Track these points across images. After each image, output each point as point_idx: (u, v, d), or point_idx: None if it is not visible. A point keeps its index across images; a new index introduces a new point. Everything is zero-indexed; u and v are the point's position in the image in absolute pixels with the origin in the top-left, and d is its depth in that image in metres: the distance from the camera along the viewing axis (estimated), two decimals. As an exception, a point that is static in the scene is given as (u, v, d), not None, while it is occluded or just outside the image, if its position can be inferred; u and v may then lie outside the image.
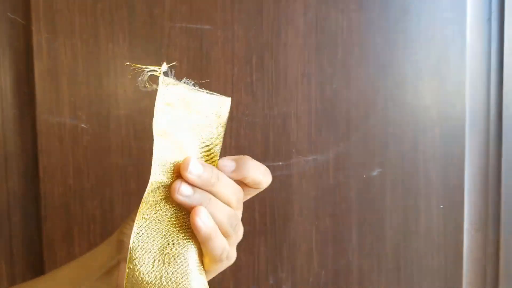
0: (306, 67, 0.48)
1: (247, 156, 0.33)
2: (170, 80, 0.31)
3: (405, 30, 0.49)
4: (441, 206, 0.51)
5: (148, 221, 0.30)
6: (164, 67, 0.31)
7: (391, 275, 0.52)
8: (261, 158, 0.48)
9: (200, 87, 0.32)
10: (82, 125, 0.45)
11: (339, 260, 0.51)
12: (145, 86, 0.30)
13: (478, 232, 0.52)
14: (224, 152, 0.48)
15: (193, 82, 0.32)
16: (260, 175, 0.33)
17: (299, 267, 0.50)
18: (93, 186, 0.46)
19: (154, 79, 0.30)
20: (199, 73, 0.47)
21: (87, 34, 0.46)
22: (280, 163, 0.49)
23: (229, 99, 0.33)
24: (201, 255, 0.31)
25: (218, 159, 0.32)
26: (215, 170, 0.32)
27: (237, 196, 0.33)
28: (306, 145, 0.49)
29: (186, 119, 0.32)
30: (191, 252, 0.31)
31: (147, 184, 0.30)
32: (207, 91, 0.32)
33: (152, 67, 0.31)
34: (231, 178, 0.32)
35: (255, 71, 0.48)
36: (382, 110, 0.50)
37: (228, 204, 0.32)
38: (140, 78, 0.29)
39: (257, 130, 0.48)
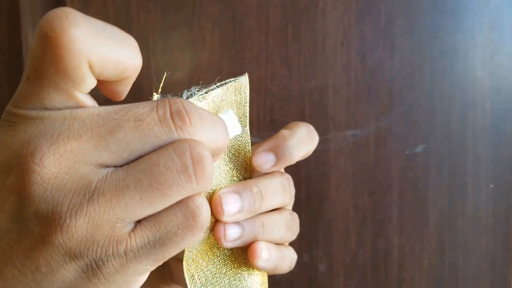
0: (345, 35, 0.49)
1: (282, 135, 0.30)
2: None
3: (455, -6, 0.48)
4: (491, 186, 0.51)
5: (201, 282, 0.27)
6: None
7: (434, 258, 0.52)
8: (296, 132, 0.50)
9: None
10: (115, 97, 0.48)
11: (378, 240, 0.52)
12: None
13: (532, 214, 0.51)
14: (258, 128, 0.50)
15: (197, 88, 0.28)
16: (304, 150, 0.30)
17: (335, 245, 0.52)
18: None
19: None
20: (232, 44, 0.49)
21: (119, 3, 0.48)
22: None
23: (245, 77, 0.29)
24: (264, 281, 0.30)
25: (251, 154, 0.29)
26: (255, 188, 0.28)
27: (289, 195, 0.30)
28: (344, 119, 0.50)
29: None
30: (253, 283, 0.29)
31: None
32: (217, 84, 0.28)
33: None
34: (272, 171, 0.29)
35: (291, 41, 0.49)
36: (428, 82, 0.50)
37: (281, 212, 0.30)
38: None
39: (292, 103, 0.49)
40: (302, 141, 0.30)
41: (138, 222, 0.20)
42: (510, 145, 0.50)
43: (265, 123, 0.50)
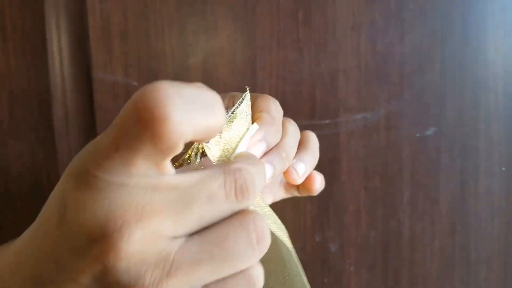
0: (356, 20, 0.50)
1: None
2: (214, 148, 0.29)
3: (467, -24, 0.49)
4: (503, 168, 0.52)
5: None
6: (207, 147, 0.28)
7: (445, 239, 0.53)
8: (307, 116, 0.52)
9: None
10: (134, 83, 0.51)
11: (389, 221, 0.53)
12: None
13: (546, 197, 0.52)
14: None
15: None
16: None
17: (347, 226, 0.54)
18: (145, 142, 0.52)
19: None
20: (244, 30, 0.51)
21: (136, -7, 0.51)
22: (327, 121, 0.52)
23: (247, 93, 0.31)
24: None
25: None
26: (283, 153, 0.32)
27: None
28: (355, 103, 0.51)
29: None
30: None
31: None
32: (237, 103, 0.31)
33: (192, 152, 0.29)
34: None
35: (302, 26, 0.50)
36: (439, 65, 0.50)
37: (287, 130, 0.34)
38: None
39: (303, 87, 0.51)
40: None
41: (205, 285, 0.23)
42: (522, 128, 0.51)
43: (276, 107, 0.51)
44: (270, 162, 0.31)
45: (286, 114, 0.55)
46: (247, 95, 0.31)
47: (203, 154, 0.28)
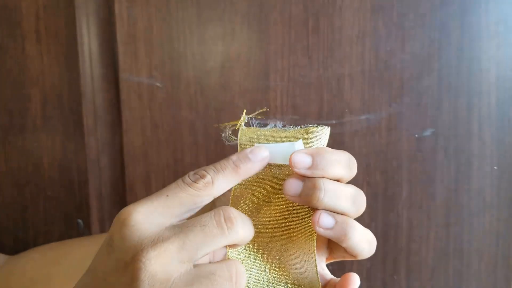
0: (361, 29, 0.55)
1: (324, 148, 0.34)
2: (251, 131, 0.34)
3: (464, -10, 0.54)
4: (495, 168, 0.57)
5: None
6: (243, 121, 0.33)
7: (440, 231, 0.59)
8: (315, 116, 0.57)
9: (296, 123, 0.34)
10: (157, 84, 0.57)
11: (389, 214, 0.59)
12: (228, 141, 0.35)
13: (533, 194, 0.57)
14: (281, 112, 0.57)
15: (281, 123, 0.34)
16: (341, 170, 0.35)
17: (349, 218, 0.59)
18: (167, 137, 0.57)
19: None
20: (258, 36, 0.56)
21: (160, 1, 0.56)
22: (334, 122, 0.57)
23: (327, 129, 0.35)
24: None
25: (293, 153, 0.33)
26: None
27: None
28: (359, 105, 0.57)
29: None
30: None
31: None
32: (300, 126, 0.35)
33: (232, 123, 0.34)
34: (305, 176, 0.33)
35: (311, 34, 0.55)
36: (437, 72, 0.55)
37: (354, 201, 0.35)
38: (223, 134, 0.34)
39: (312, 90, 0.56)
40: (340, 163, 0.35)
41: None
42: (512, 130, 0.56)
43: (287, 107, 0.57)
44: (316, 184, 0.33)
45: (296, 114, 0.60)
46: (327, 131, 0.35)
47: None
